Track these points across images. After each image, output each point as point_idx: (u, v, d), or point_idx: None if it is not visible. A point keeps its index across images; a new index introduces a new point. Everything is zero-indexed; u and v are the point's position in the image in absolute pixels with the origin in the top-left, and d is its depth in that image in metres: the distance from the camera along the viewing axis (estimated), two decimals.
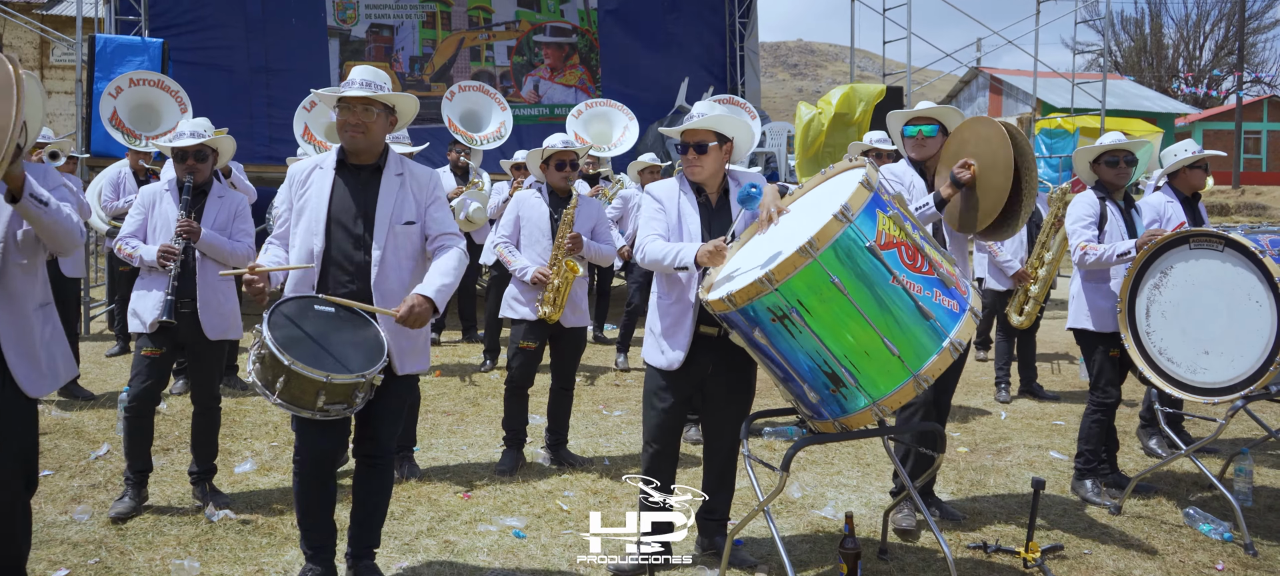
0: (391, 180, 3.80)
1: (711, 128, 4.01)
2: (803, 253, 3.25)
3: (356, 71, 3.79)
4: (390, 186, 3.79)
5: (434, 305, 3.57)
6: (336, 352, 3.56)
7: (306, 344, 3.53)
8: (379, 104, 3.76)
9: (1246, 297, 4.36)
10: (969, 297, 3.54)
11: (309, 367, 3.42)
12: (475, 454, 5.91)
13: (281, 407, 3.52)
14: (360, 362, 3.55)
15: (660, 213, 4.04)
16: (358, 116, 3.71)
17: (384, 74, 3.86)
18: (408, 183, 3.82)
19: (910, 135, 4.75)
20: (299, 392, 3.47)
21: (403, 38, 16.44)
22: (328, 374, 3.43)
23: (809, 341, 3.38)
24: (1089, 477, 5.15)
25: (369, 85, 3.74)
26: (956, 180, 4.38)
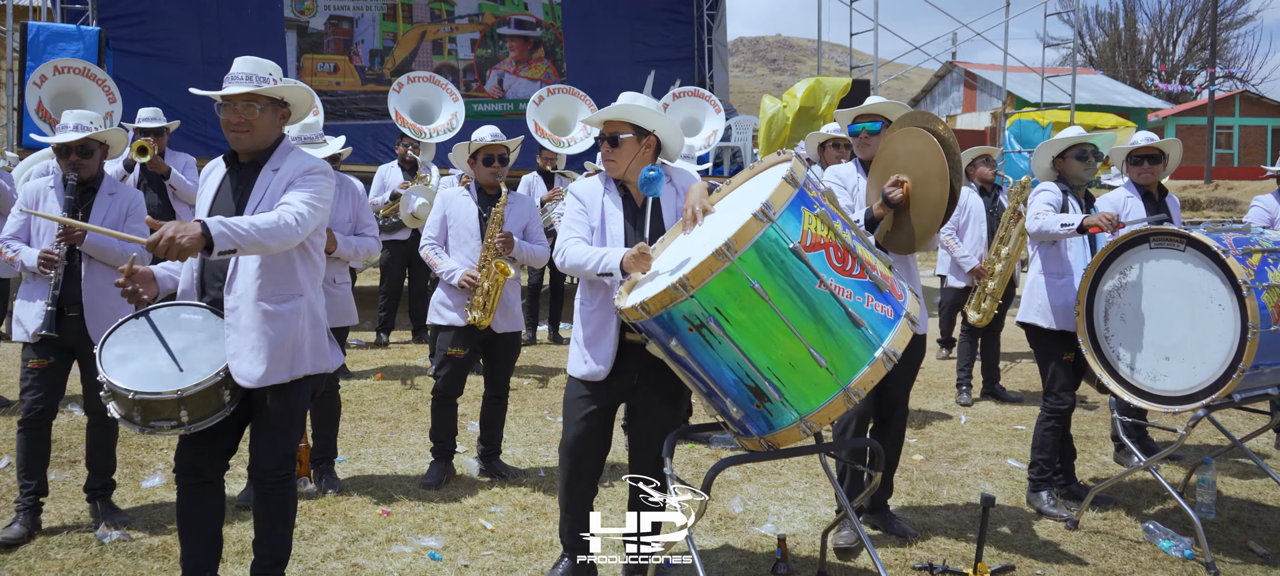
0: (267, 176, 3.45)
1: (626, 118, 3.70)
2: (719, 256, 2.95)
3: (238, 63, 3.44)
4: (264, 182, 3.44)
5: (206, 233, 3.02)
6: (188, 361, 3.28)
7: (150, 359, 3.26)
8: (265, 98, 3.43)
9: (1208, 300, 4.10)
10: (905, 302, 3.25)
11: (155, 392, 3.15)
12: (405, 465, 5.58)
13: (154, 434, 3.26)
14: (186, 377, 3.24)
15: (583, 213, 3.74)
16: (240, 115, 3.40)
17: (270, 64, 3.49)
18: (283, 174, 3.45)
19: (856, 133, 4.46)
20: (160, 412, 3.19)
21: (362, 30, 16.03)
22: (179, 389, 3.15)
23: (729, 352, 3.08)
24: (1044, 489, 4.90)
25: (251, 79, 3.39)
26: (888, 200, 4.10)
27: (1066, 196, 4.88)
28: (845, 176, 4.46)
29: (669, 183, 3.78)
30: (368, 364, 8.57)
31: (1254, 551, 4.36)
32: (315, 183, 3.45)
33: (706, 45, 16.90)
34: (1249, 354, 3.94)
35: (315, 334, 3.54)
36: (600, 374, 3.66)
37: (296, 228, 3.28)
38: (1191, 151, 35.20)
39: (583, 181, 3.83)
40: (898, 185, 4.09)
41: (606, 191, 3.76)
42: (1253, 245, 4.20)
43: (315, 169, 3.51)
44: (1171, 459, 5.63)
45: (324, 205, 3.48)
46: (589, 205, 3.74)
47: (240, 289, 3.34)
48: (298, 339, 3.44)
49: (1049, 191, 4.87)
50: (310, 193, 3.40)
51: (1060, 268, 4.85)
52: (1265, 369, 4.10)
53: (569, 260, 3.61)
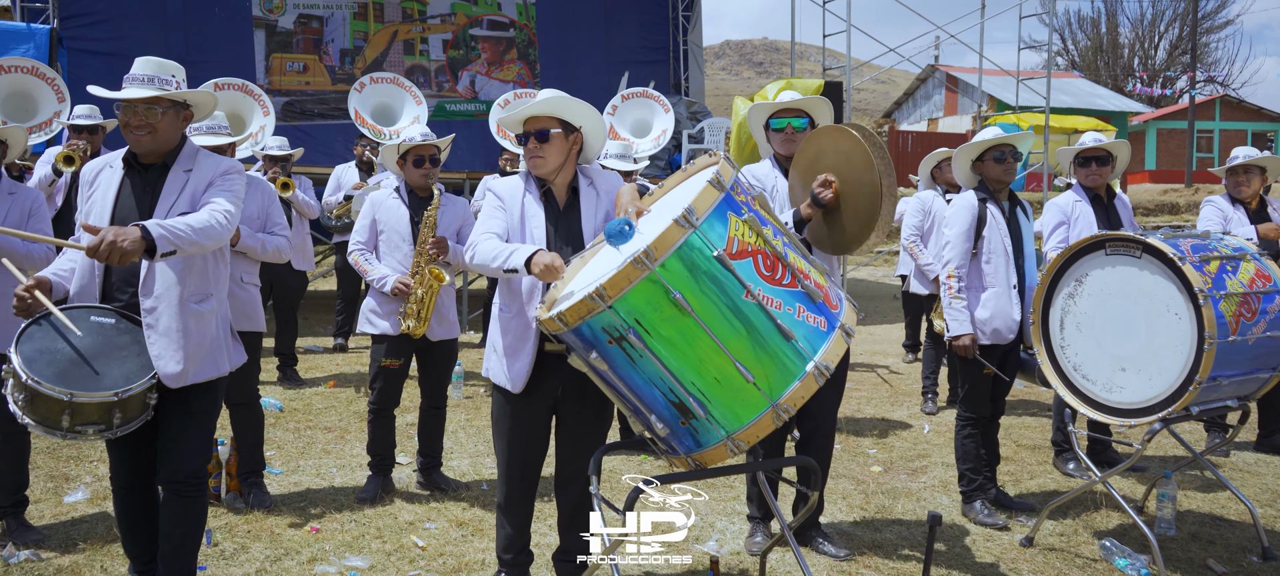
0: (178, 177, 3.33)
1: (554, 113, 3.51)
2: (638, 264, 2.77)
3: (139, 64, 3.33)
4: (175, 184, 3.31)
5: (146, 236, 2.98)
6: (100, 367, 3.14)
7: (62, 359, 3.12)
8: (167, 101, 3.30)
9: (1165, 309, 3.94)
10: (840, 313, 3.07)
11: (52, 386, 3.03)
12: (345, 477, 5.38)
13: (34, 429, 3.14)
14: (118, 379, 3.14)
15: (500, 210, 3.54)
16: (141, 118, 3.30)
17: (172, 65, 3.39)
18: (200, 176, 3.34)
19: (777, 129, 4.28)
20: (47, 412, 3.07)
21: (333, 29, 15.78)
22: (71, 392, 3.04)
23: (651, 367, 2.90)
24: (976, 499, 4.75)
25: (153, 81, 3.26)
26: (818, 200, 3.93)
27: (984, 205, 4.71)
28: (762, 176, 4.29)
29: (591, 185, 3.59)
30: (322, 370, 8.35)
31: (1213, 570, 4.21)
32: (234, 183, 3.45)
33: (682, 46, 16.73)
34: (1206, 365, 3.79)
35: (223, 333, 3.54)
36: (521, 382, 3.48)
37: (227, 227, 3.30)
38: (1172, 155, 35.26)
39: (502, 179, 3.63)
40: (827, 185, 3.93)
41: (527, 191, 3.57)
42: (1211, 252, 4.05)
43: (232, 169, 3.50)
44: (1134, 470, 5.47)
45: (240, 205, 3.47)
46: (508, 203, 3.54)
47: (159, 290, 3.28)
48: (215, 337, 3.46)
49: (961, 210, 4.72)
50: (231, 193, 3.40)
51: (980, 282, 4.70)
52: (1224, 381, 3.94)
53: (478, 256, 3.42)
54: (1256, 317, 3.97)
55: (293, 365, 7.92)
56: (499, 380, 3.57)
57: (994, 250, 4.66)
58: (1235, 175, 5.95)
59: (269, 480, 5.18)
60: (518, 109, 3.55)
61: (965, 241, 4.67)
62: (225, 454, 4.98)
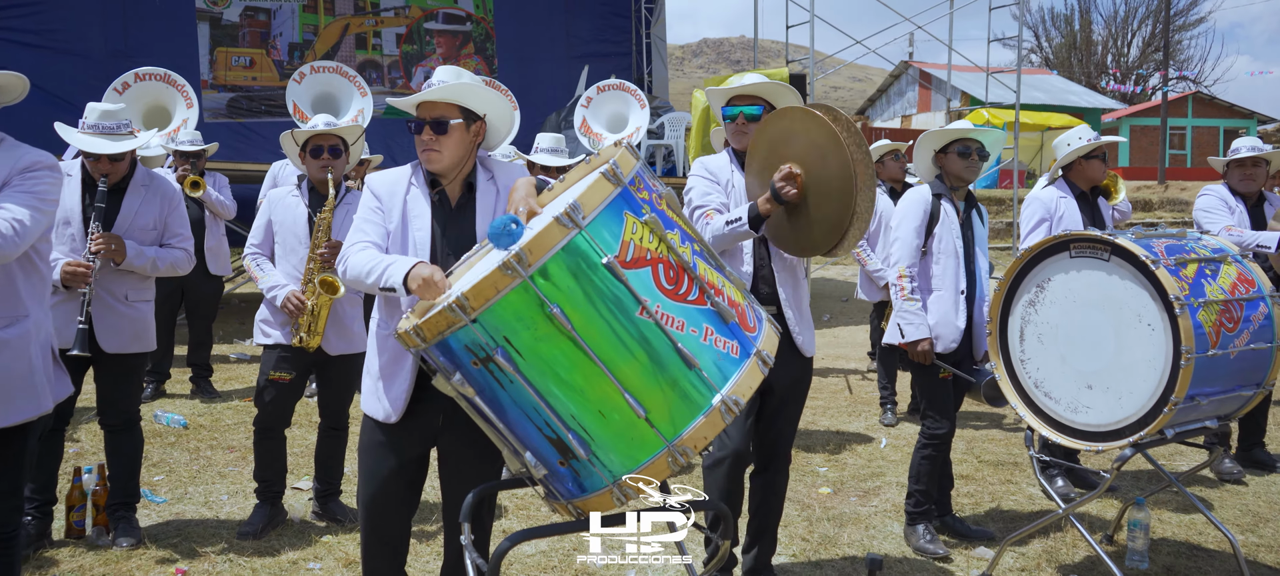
0: None
1: (456, 100, 2.99)
2: (507, 270, 2.27)
3: None
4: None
5: None
6: None
7: None
8: None
9: (1136, 319, 3.48)
10: (757, 337, 2.58)
11: None
12: (235, 506, 4.85)
13: None
14: None
15: (378, 212, 3.01)
16: None
17: None
18: None
19: (730, 117, 3.77)
20: None
21: (280, 22, 15.20)
22: None
23: (523, 395, 2.40)
24: (921, 522, 4.31)
25: None
26: (779, 195, 3.39)
27: (938, 200, 4.25)
28: (717, 170, 3.76)
29: (490, 180, 3.08)
30: (242, 381, 7.79)
31: None
32: (37, 180, 2.92)
33: (644, 40, 16.24)
34: (1182, 383, 3.33)
35: (42, 362, 3.02)
36: (396, 411, 2.97)
37: (15, 239, 2.78)
38: (1145, 152, 35.11)
39: (381, 174, 3.10)
40: (790, 178, 3.39)
41: (413, 185, 3.05)
42: (1187, 254, 3.59)
43: (37, 165, 2.95)
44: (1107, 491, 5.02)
45: (50, 206, 2.96)
46: (388, 203, 3.01)
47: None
48: (29, 369, 2.95)
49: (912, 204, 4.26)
50: (29, 194, 2.87)
51: (926, 283, 4.25)
52: (1203, 400, 3.49)
53: (350, 270, 2.89)
54: (1239, 328, 3.52)
55: (207, 377, 7.36)
56: (370, 408, 3.05)
57: (944, 251, 4.20)
58: (1243, 167, 5.48)
59: (148, 509, 4.65)
60: (424, 92, 3.01)
61: (916, 238, 4.21)
62: (91, 483, 4.44)
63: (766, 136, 3.57)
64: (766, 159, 3.54)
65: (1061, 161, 4.78)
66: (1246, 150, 5.48)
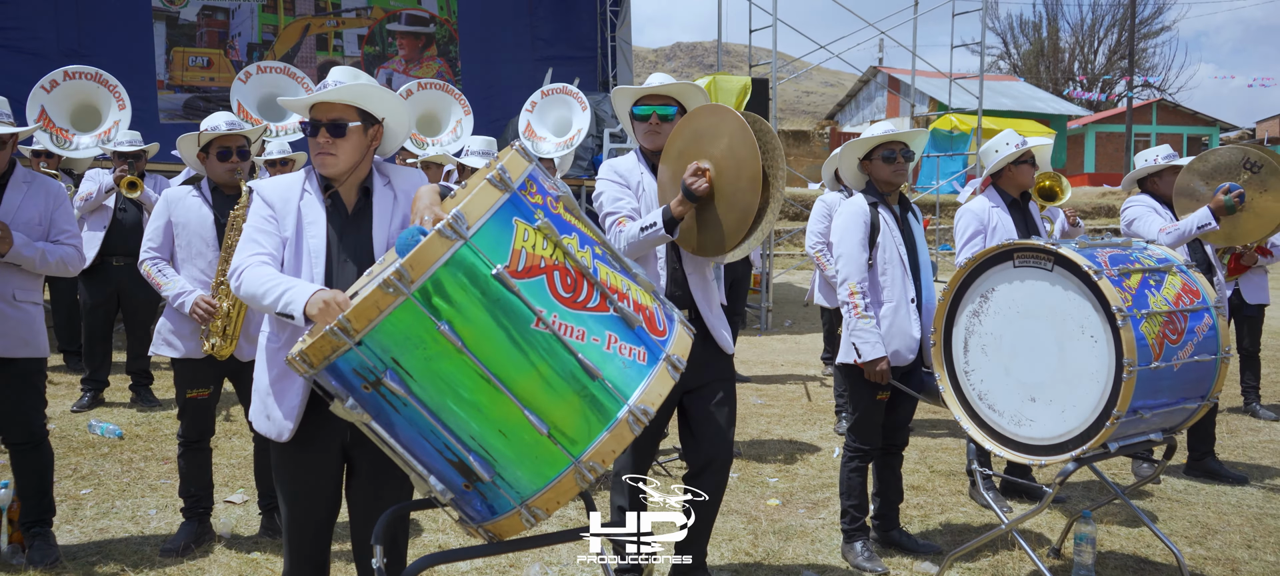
0: None
1: (353, 101, 2.85)
2: (388, 288, 2.12)
3: None
4: None
5: None
6: None
7: None
8: None
9: (1079, 330, 3.39)
10: (667, 341, 2.45)
11: None
12: (164, 521, 4.66)
13: None
14: None
15: (270, 221, 2.83)
16: None
17: None
18: None
19: (641, 117, 3.65)
20: None
21: (239, 22, 14.95)
22: None
23: (419, 418, 2.26)
24: (858, 539, 4.20)
25: None
26: (690, 192, 3.30)
27: (875, 209, 4.14)
28: (626, 172, 3.65)
29: (387, 185, 2.94)
30: None
31: None
32: None
33: (610, 43, 16.10)
34: (1125, 397, 3.24)
35: None
36: (287, 429, 2.80)
37: None
38: (1110, 158, 35.45)
39: (271, 180, 2.93)
40: (700, 174, 3.31)
41: (307, 192, 2.89)
42: (1131, 264, 3.50)
43: None
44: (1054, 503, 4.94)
45: None
46: (281, 211, 2.84)
47: None
48: None
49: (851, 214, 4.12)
50: None
51: (876, 296, 4.11)
52: (1147, 413, 3.40)
53: (246, 287, 2.70)
54: (1182, 340, 3.44)
55: (147, 384, 7.13)
56: (260, 425, 2.89)
57: (889, 260, 4.08)
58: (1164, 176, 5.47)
59: (71, 524, 4.46)
60: (318, 92, 2.85)
61: (862, 252, 4.07)
62: (6, 499, 4.24)
63: (678, 141, 3.48)
64: (678, 161, 3.46)
65: (992, 168, 4.70)
66: (1163, 159, 5.49)
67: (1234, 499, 5.15)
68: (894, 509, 4.42)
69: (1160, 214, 5.34)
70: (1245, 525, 4.75)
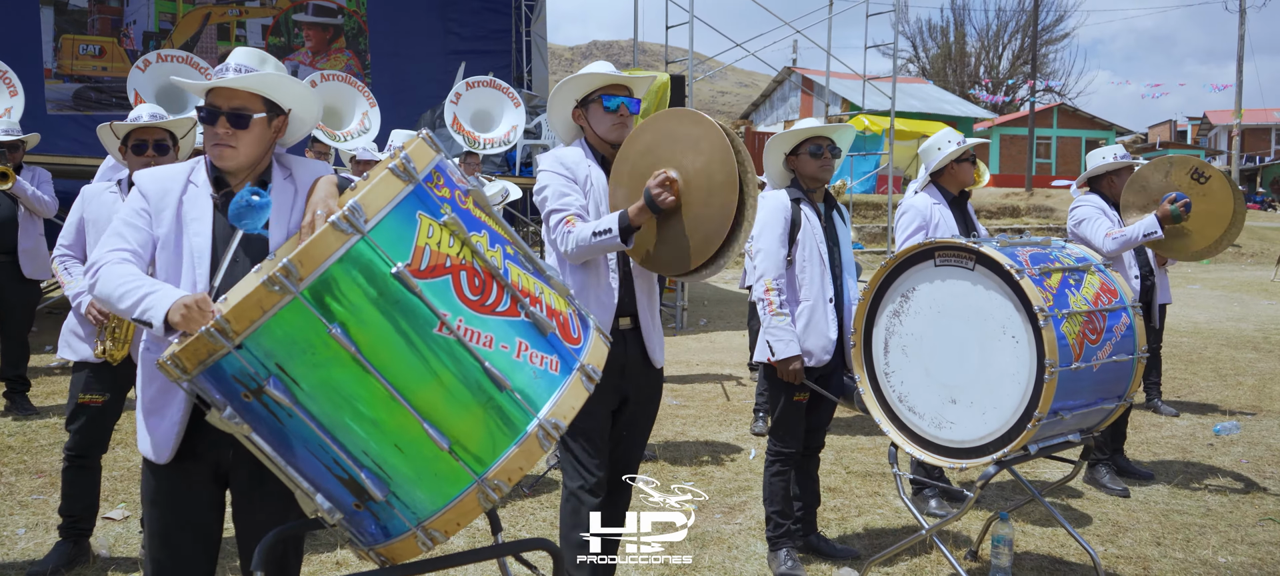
0: None
1: (261, 90, 2.59)
2: (273, 285, 1.91)
3: None
4: None
5: None
6: None
7: None
8: None
9: (1001, 331, 3.33)
10: (583, 349, 2.29)
11: None
12: (33, 541, 4.32)
13: None
14: None
15: (144, 215, 2.54)
16: None
17: None
18: None
19: (611, 109, 3.36)
20: None
21: (135, 10, 14.25)
22: None
23: (305, 429, 2.05)
24: (783, 547, 4.10)
25: None
26: (654, 203, 3.07)
27: (797, 206, 4.06)
28: (573, 165, 3.37)
29: (288, 178, 2.69)
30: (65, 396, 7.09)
31: None
32: None
33: (525, 38, 15.85)
34: (1046, 399, 3.19)
35: None
36: (168, 450, 2.54)
37: None
38: (1014, 160, 36.46)
39: (151, 170, 2.64)
40: (668, 185, 3.07)
41: (192, 184, 2.61)
42: (1052, 263, 3.46)
43: None
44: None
45: None
46: (158, 205, 2.55)
47: None
48: None
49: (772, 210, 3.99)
50: None
51: (793, 294, 4.02)
52: (1066, 414, 3.36)
53: (100, 287, 2.41)
54: (1102, 339, 3.41)
55: (24, 392, 6.67)
56: (142, 445, 2.61)
57: (809, 258, 3.98)
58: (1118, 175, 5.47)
59: None
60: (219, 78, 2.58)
61: (780, 248, 3.96)
62: None
63: (646, 137, 3.23)
64: (643, 159, 3.21)
65: (936, 165, 4.64)
66: (1115, 157, 5.51)
67: (1141, 496, 5.21)
68: (812, 513, 4.34)
69: (1108, 216, 5.33)
70: (1154, 521, 4.80)
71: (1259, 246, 24.12)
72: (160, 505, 2.60)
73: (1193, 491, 5.31)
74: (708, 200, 3.05)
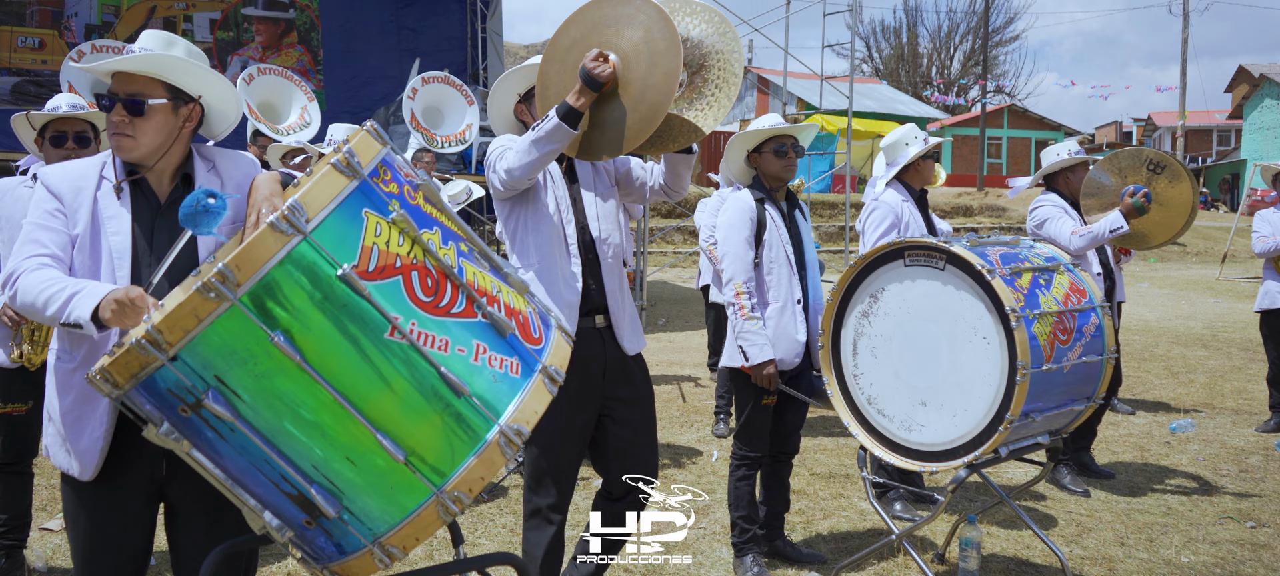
0: None
1: (158, 73, 2.41)
2: (208, 291, 1.76)
3: None
4: None
5: None
6: None
7: None
8: None
9: (972, 332, 3.27)
10: (544, 349, 2.17)
11: None
12: None
13: None
14: None
15: (57, 215, 2.35)
16: None
17: None
18: None
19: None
20: None
21: (76, 1, 13.81)
22: None
23: (249, 445, 1.91)
24: (748, 553, 4.02)
25: None
26: (592, 78, 2.89)
27: (762, 206, 3.97)
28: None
29: (212, 170, 2.52)
30: None
31: None
32: None
33: (480, 34, 15.63)
34: (1018, 401, 3.13)
35: None
36: (91, 465, 2.35)
37: None
38: (965, 160, 36.92)
39: (60, 166, 2.46)
40: (601, 58, 2.91)
41: (106, 180, 2.42)
42: (1022, 263, 3.41)
43: None
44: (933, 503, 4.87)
45: None
46: (71, 203, 2.36)
47: None
48: None
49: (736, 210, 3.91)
50: None
51: (761, 297, 3.93)
52: (1037, 416, 3.31)
53: (21, 296, 2.23)
54: (1072, 340, 3.36)
55: None
56: (60, 462, 2.43)
57: (775, 259, 3.89)
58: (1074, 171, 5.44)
59: None
60: (113, 60, 2.42)
61: (748, 250, 3.86)
62: None
63: (573, 31, 3.08)
64: (565, 60, 3.07)
65: (905, 162, 4.57)
66: (1069, 153, 5.47)
67: (1103, 496, 5.20)
68: (780, 518, 4.26)
69: (1070, 215, 5.28)
70: (1116, 521, 4.79)
71: (1203, 245, 24.61)
72: (84, 525, 2.42)
73: (1153, 491, 5.31)
74: (651, 69, 2.91)
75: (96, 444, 2.33)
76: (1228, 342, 10.89)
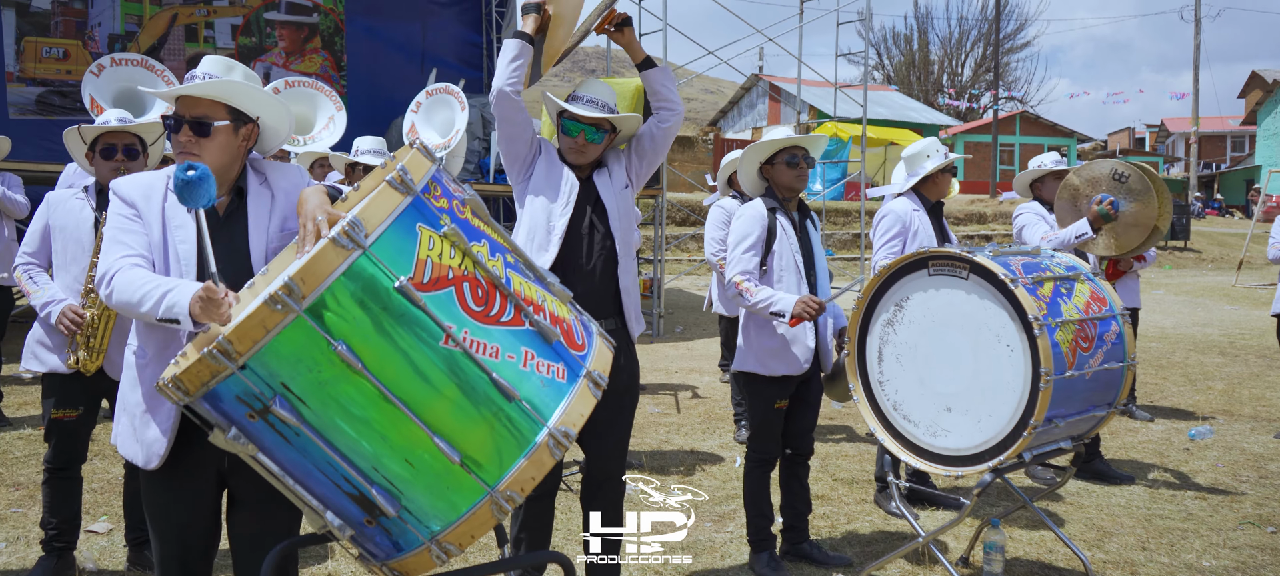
0: None
1: (222, 98, 2.55)
2: (275, 304, 1.86)
3: None
4: None
5: None
6: None
7: None
8: None
9: (995, 339, 3.34)
10: (588, 355, 2.26)
11: None
12: (14, 556, 4.21)
13: None
14: None
15: (136, 220, 2.52)
16: None
17: None
18: None
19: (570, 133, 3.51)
20: None
21: (99, 11, 13.98)
22: None
23: (314, 448, 2.00)
24: (765, 550, 4.11)
25: None
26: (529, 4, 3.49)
27: (773, 215, 4.06)
28: None
29: (263, 184, 2.65)
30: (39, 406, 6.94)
31: None
32: None
33: (495, 44, 15.76)
34: (1042, 406, 3.20)
35: None
36: (158, 454, 2.50)
37: None
38: (978, 167, 36.86)
39: (128, 178, 2.61)
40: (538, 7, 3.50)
41: (171, 191, 2.57)
42: (1043, 272, 3.48)
43: None
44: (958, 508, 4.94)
45: None
46: (145, 211, 2.53)
47: None
48: None
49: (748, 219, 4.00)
50: None
51: None
52: (1060, 421, 3.38)
53: (118, 293, 2.39)
54: (1093, 347, 3.43)
55: None
56: (127, 449, 2.57)
57: (785, 267, 3.97)
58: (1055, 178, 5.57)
59: None
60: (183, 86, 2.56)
61: (751, 259, 3.95)
62: None
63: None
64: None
65: (924, 173, 4.66)
66: (1049, 164, 5.63)
67: (1123, 500, 5.26)
68: (803, 520, 4.33)
69: (1046, 220, 5.42)
70: (1137, 526, 4.84)
71: (1218, 252, 24.55)
72: (158, 507, 2.60)
73: (1173, 495, 5.36)
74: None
75: (164, 436, 2.49)
76: (1245, 349, 10.90)
